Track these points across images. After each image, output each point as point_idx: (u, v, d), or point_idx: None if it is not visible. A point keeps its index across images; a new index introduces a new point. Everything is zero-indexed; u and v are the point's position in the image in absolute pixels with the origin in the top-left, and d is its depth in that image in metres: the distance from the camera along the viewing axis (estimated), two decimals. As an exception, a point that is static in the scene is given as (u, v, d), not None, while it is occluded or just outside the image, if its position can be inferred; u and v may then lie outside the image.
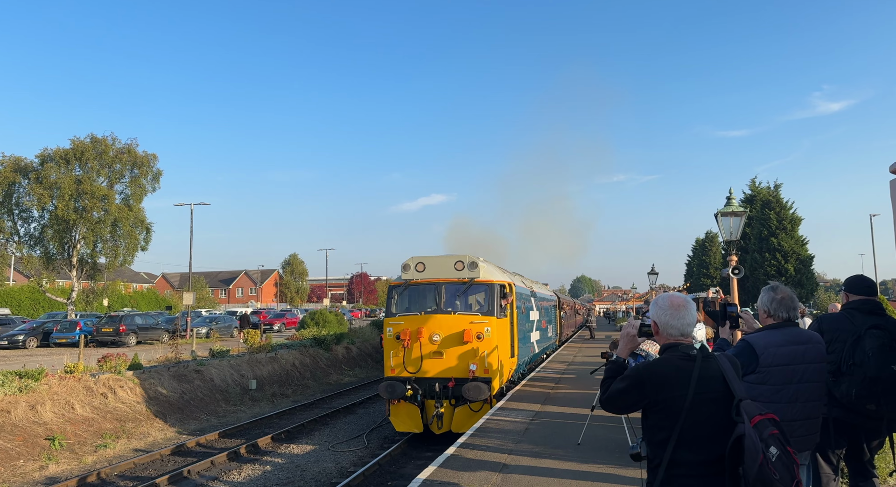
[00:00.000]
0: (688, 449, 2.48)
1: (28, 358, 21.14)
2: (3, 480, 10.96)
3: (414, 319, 12.11)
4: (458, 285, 12.31)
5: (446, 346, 11.84)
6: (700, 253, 60.38)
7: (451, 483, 6.64)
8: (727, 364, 2.61)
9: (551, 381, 15.16)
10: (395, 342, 12.04)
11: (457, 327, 11.82)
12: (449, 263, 12.39)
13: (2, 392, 12.70)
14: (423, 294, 12.55)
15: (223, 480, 11.00)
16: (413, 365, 11.90)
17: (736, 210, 11.11)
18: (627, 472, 6.82)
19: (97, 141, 35.50)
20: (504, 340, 12.51)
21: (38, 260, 35.61)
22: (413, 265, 12.51)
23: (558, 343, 26.92)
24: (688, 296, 2.76)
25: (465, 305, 12.29)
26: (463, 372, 11.65)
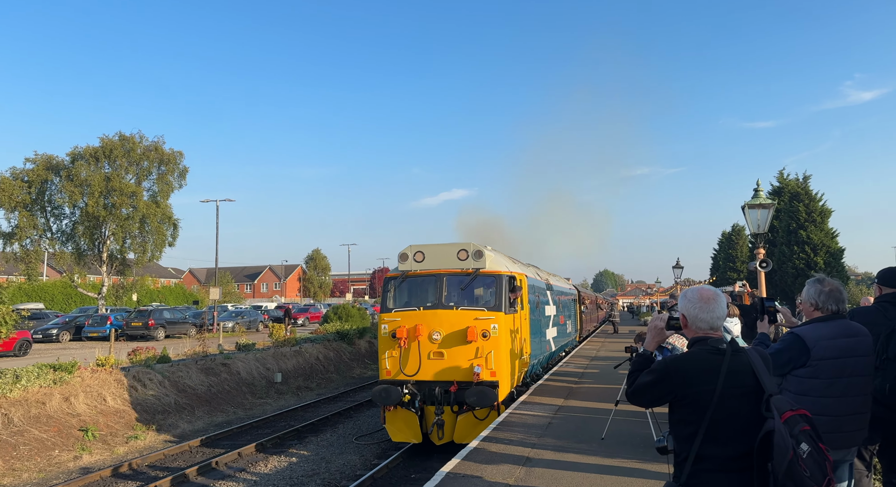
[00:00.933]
0: (715, 444, 2.46)
1: (61, 352, 21.71)
2: (39, 469, 11.30)
3: (412, 315, 10.81)
4: (462, 277, 11.01)
5: (448, 345, 10.56)
6: (726, 247, 59.39)
7: (474, 476, 6.66)
8: (757, 358, 2.57)
9: (574, 376, 15.09)
10: (390, 341, 10.78)
11: (460, 324, 10.55)
12: (451, 252, 11.04)
13: (37, 384, 13.07)
14: (422, 286, 11.26)
15: (250, 471, 11.18)
16: (411, 367, 10.61)
17: (764, 202, 10.91)
18: (652, 466, 6.77)
19: (125, 138, 36.19)
20: (514, 338, 11.27)
21: (69, 256, 36.49)
22: (411, 254, 11.19)
23: (578, 339, 25.81)
24: (718, 290, 2.72)
25: (470, 299, 11.05)
26: (466, 375, 10.39)
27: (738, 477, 2.46)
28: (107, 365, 15.45)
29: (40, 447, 11.92)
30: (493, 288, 10.97)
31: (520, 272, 12.17)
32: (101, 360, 15.77)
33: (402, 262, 11.28)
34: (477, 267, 10.94)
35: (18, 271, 36.23)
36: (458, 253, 11.01)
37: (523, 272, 12.63)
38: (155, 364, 16.61)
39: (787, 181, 42.60)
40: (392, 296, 11.33)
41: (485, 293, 11.18)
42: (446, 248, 11.14)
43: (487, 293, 11.13)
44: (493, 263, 11.14)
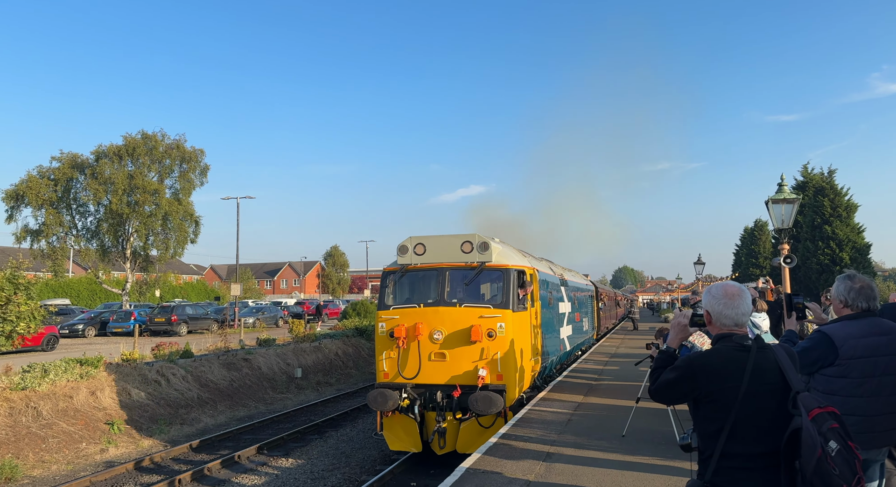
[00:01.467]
0: (741, 441, 2.43)
1: (87, 347, 22.14)
2: (68, 462, 11.55)
3: (411, 313, 10.05)
4: (466, 271, 10.17)
5: (450, 346, 9.79)
6: (749, 243, 58.55)
7: (493, 471, 6.66)
8: (784, 355, 2.53)
9: (594, 373, 15.00)
10: (388, 340, 10.01)
11: (463, 322, 9.77)
12: (455, 244, 10.25)
13: (65, 378, 13.35)
14: (422, 282, 10.51)
15: (271, 465, 11.32)
16: (410, 369, 9.84)
17: (788, 197, 10.73)
18: (674, 463, 6.71)
19: (148, 137, 36.74)
20: (523, 337, 10.41)
21: (94, 253, 37.19)
22: (411, 246, 10.37)
23: (596, 337, 24.80)
24: (742, 286, 2.69)
25: (475, 295, 10.27)
26: (470, 379, 9.63)
27: (764, 475, 2.43)
28: (131, 360, 15.73)
29: (68, 439, 12.18)
30: (500, 283, 10.18)
31: (530, 266, 11.30)
32: (126, 355, 16.06)
33: (402, 255, 10.44)
34: (482, 260, 10.12)
35: (45, 268, 36.99)
36: (461, 245, 10.21)
37: (534, 266, 11.81)
38: (178, 359, 16.87)
39: (811, 175, 41.87)
40: (390, 292, 10.55)
41: (491, 289, 10.46)
42: (449, 240, 10.33)
43: (494, 288, 10.39)
44: (500, 256, 10.33)
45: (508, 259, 10.45)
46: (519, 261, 10.74)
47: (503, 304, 9.93)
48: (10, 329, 11.40)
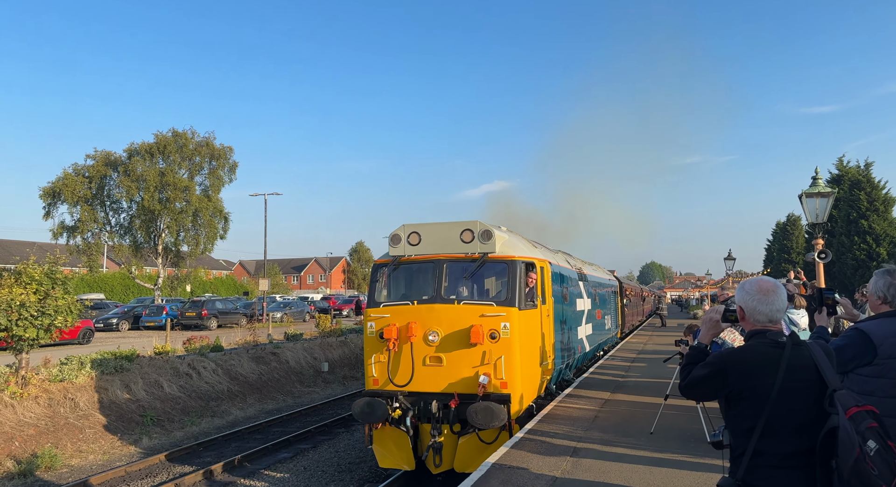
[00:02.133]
0: (774, 440, 2.39)
1: (121, 340, 22.71)
2: (104, 452, 11.89)
3: (404, 311, 8.91)
4: (466, 263, 9.04)
5: (447, 349, 8.64)
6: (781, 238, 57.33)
7: (520, 467, 6.66)
8: (820, 352, 2.48)
9: (621, 369, 14.87)
10: (377, 342, 8.89)
11: (462, 322, 8.62)
12: (453, 233, 9.13)
13: (100, 370, 13.72)
14: (417, 276, 9.47)
15: (300, 457, 11.48)
16: (402, 376, 8.68)
17: (822, 190, 10.48)
18: (704, 461, 6.62)
19: (178, 135, 37.45)
20: (532, 339, 9.29)
21: (127, 249, 38.10)
22: (404, 236, 9.28)
23: (620, 335, 23.37)
24: (777, 281, 2.63)
25: (476, 291, 9.24)
26: (470, 387, 8.44)
27: (798, 474, 2.38)
28: (164, 354, 16.09)
29: (104, 430, 12.53)
30: (504, 277, 9.04)
31: (541, 257, 10.18)
32: (159, 349, 16.43)
33: (394, 246, 9.36)
34: (485, 251, 8.97)
35: (81, 263, 38.05)
36: (461, 233, 9.08)
37: (546, 258, 10.64)
38: (208, 352, 17.20)
39: (847, 168, 40.81)
40: (380, 287, 9.48)
41: (494, 283, 9.44)
42: (447, 228, 9.23)
43: (498, 283, 9.35)
44: (505, 246, 9.18)
45: (515, 249, 9.27)
46: (528, 252, 9.63)
47: (508, 301, 8.72)
48: (48, 322, 11.72)
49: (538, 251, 10.65)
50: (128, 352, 14.96)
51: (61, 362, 13.80)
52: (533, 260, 9.55)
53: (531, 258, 9.52)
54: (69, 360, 13.82)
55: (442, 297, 8.89)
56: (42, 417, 11.85)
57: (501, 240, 9.21)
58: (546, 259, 10.51)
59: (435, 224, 9.34)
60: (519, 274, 8.92)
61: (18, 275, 11.78)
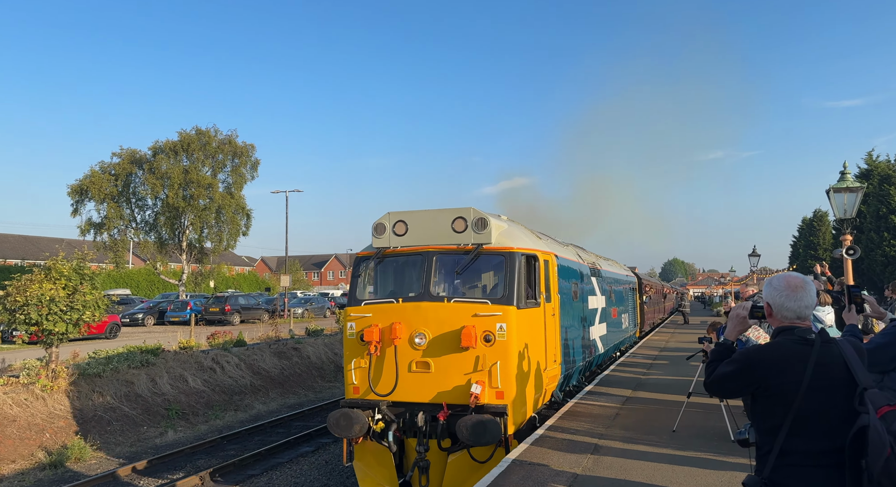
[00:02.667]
0: (802, 438, 2.35)
1: (147, 335, 23.13)
2: (130, 444, 12.13)
3: (387, 310, 7.96)
4: (458, 255, 8.06)
5: (436, 353, 7.65)
6: (807, 234, 56.31)
7: (540, 463, 6.64)
8: (850, 349, 2.43)
9: (643, 367, 14.73)
10: (358, 345, 7.94)
11: (453, 322, 7.66)
12: (444, 221, 8.17)
13: (127, 364, 14.00)
14: (403, 270, 8.61)
15: (321, 452, 11.59)
16: (384, 383, 7.71)
17: (851, 185, 10.25)
18: (728, 459, 6.54)
19: (202, 132, 37.93)
20: (534, 341, 8.31)
21: (152, 245, 38.75)
22: (389, 225, 8.35)
23: (639, 335, 22.14)
24: (806, 277, 2.58)
25: (469, 287, 8.30)
26: (461, 396, 7.42)
27: (826, 473, 2.34)
28: (188, 349, 16.35)
29: (130, 423, 12.79)
30: (501, 271, 8.04)
31: (545, 250, 9.15)
32: (183, 343, 16.71)
33: (378, 236, 8.41)
34: (479, 241, 8.00)
35: (107, 259, 38.78)
36: (452, 222, 8.10)
37: (551, 250, 9.58)
38: (232, 347, 17.44)
39: (876, 163, 39.91)
40: (363, 283, 8.60)
41: (491, 278, 8.49)
42: (437, 216, 8.27)
43: (494, 278, 8.37)
44: (503, 237, 8.21)
45: (514, 240, 8.29)
46: (529, 244, 8.59)
47: (505, 299, 7.73)
48: (77, 317, 11.99)
49: (543, 242, 9.56)
50: (153, 347, 15.24)
51: (89, 356, 14.10)
52: (535, 251, 8.52)
53: (533, 250, 8.50)
54: (97, 354, 14.11)
55: (430, 294, 7.88)
56: (71, 410, 12.13)
57: (498, 230, 8.26)
58: (551, 251, 9.49)
59: (423, 211, 8.37)
60: (518, 267, 7.90)
61: (48, 271, 12.07)
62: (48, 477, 10.24)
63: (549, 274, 9.06)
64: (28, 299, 11.42)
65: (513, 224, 9.14)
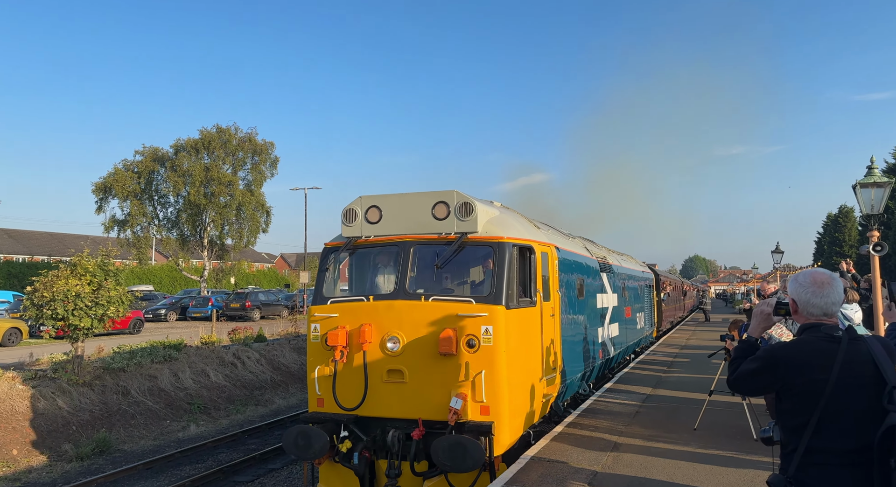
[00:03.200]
0: (828, 437, 2.31)
1: (170, 330, 23.48)
2: (153, 437, 12.33)
3: (356, 309, 6.98)
4: (439, 246, 7.05)
5: (412, 361, 6.66)
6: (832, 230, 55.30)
7: (559, 460, 6.62)
8: (878, 347, 2.38)
9: (663, 365, 14.60)
10: (323, 351, 6.98)
11: (431, 324, 6.67)
12: (423, 207, 7.14)
13: (150, 359, 14.23)
14: (376, 263, 7.68)
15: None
16: (351, 395, 6.71)
17: (878, 180, 10.02)
18: (750, 457, 6.46)
19: (222, 131, 38.36)
20: (526, 346, 7.21)
21: (174, 242, 39.33)
22: (361, 211, 7.35)
23: (656, 335, 20.97)
24: (833, 273, 2.53)
25: (451, 284, 7.28)
26: (439, 411, 6.42)
27: (854, 472, 2.30)
28: (210, 344, 16.57)
29: (154, 417, 13.00)
30: (489, 265, 7.02)
31: (543, 241, 8.01)
32: (205, 339, 16.93)
33: (348, 224, 7.42)
34: (464, 230, 6.98)
35: (131, 256, 39.44)
36: (433, 207, 7.07)
37: (551, 242, 8.47)
38: (252, 343, 17.64)
39: (904, 157, 38.97)
40: (330, 278, 7.61)
41: (476, 273, 7.43)
42: (416, 201, 7.25)
43: (480, 273, 7.35)
44: (491, 225, 7.15)
45: (505, 228, 7.18)
46: (524, 233, 7.51)
47: (492, 297, 6.68)
48: (101, 312, 12.21)
49: (542, 233, 8.41)
50: (176, 342, 15.46)
51: (114, 351, 14.36)
52: (530, 242, 7.46)
53: (527, 240, 7.43)
54: (121, 349, 14.36)
55: (406, 292, 6.88)
56: (96, 403, 12.36)
57: (487, 217, 7.21)
58: (551, 243, 8.40)
59: (400, 195, 7.37)
60: (508, 260, 6.88)
61: (74, 267, 12.30)
62: (74, 469, 10.46)
63: (549, 268, 8.00)
64: (55, 295, 11.65)
65: (506, 211, 8.07)
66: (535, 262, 7.42)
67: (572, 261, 9.44)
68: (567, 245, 9.53)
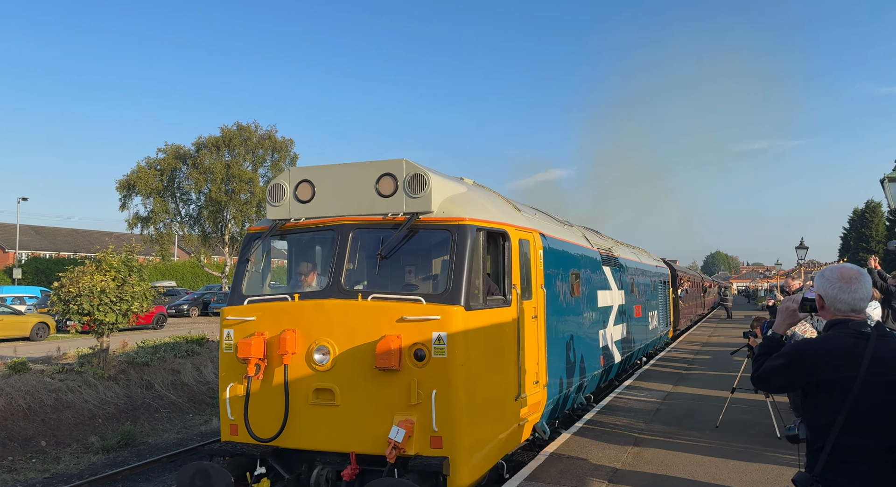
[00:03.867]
0: (856, 435, 2.26)
1: (192, 325, 23.82)
2: (177, 430, 12.53)
3: (278, 311, 5.60)
4: (384, 231, 5.62)
5: (345, 377, 5.27)
6: (858, 225, 54.20)
7: (579, 457, 6.59)
8: None
9: (684, 362, 14.45)
10: (235, 363, 5.63)
11: (370, 330, 5.24)
12: (366, 181, 5.70)
13: (173, 354, 14.45)
14: (308, 252, 6.39)
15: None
16: (269, 422, 5.42)
17: (908, 174, 9.80)
18: (774, 454, 6.38)
19: (242, 128, 38.77)
20: (498, 356, 5.80)
21: (196, 238, 39.88)
22: (290, 187, 5.97)
23: (672, 335, 19.50)
24: (861, 268, 2.48)
25: (400, 278, 5.88)
26: (377, 443, 5.03)
27: (882, 471, 2.25)
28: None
29: (177, 410, 13.21)
30: (445, 254, 5.59)
31: (522, 226, 6.54)
32: (226, 334, 17.14)
33: (275, 203, 6.04)
34: (416, 209, 5.54)
35: (154, 252, 40.08)
36: (377, 182, 5.65)
37: (534, 227, 6.95)
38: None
39: (934, 151, 38.02)
40: (252, 272, 6.21)
41: (433, 265, 6.11)
42: (357, 173, 5.78)
43: (434, 265, 6.05)
44: (451, 204, 5.70)
45: (468, 209, 5.69)
46: (494, 216, 6.03)
47: (448, 295, 5.24)
48: (126, 307, 12.43)
49: (522, 216, 6.92)
50: (198, 337, 15.68)
51: (138, 345, 14.61)
52: (503, 226, 6.01)
53: (499, 223, 5.98)
54: (145, 344, 14.61)
55: (341, 289, 5.47)
56: (121, 396, 12.60)
57: (446, 194, 5.76)
58: (534, 228, 6.91)
59: (338, 166, 5.97)
60: (471, 247, 5.42)
61: (98, 263, 12.53)
62: (100, 461, 10.67)
63: (531, 259, 6.53)
64: (80, 290, 11.89)
65: (478, 189, 6.68)
66: (510, 251, 6.02)
67: (563, 252, 7.91)
68: (558, 232, 8.03)
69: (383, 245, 5.54)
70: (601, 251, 10.27)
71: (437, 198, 5.61)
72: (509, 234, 6.06)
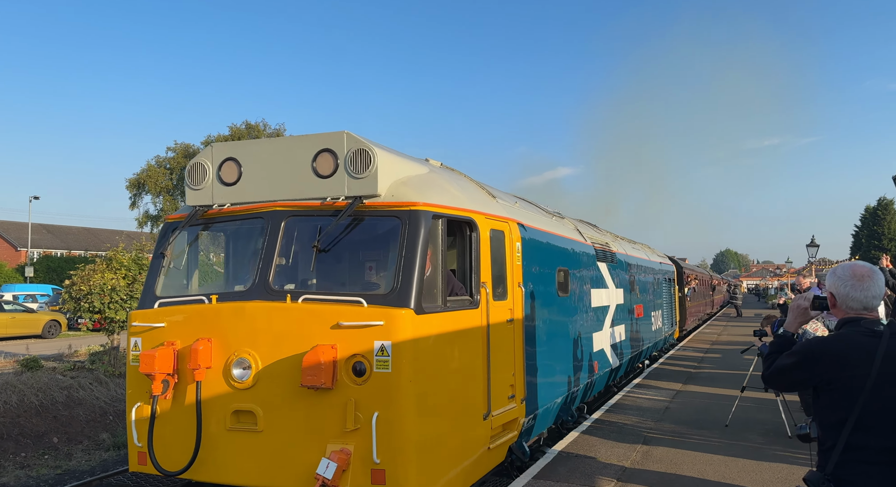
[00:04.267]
0: (869, 434, 2.25)
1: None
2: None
3: (192, 316, 4.78)
4: (323, 218, 4.72)
5: (270, 396, 4.45)
6: (870, 223, 53.71)
7: (587, 456, 6.58)
8: None
9: (693, 361, 14.39)
10: (142, 379, 4.74)
11: (299, 339, 4.38)
12: (301, 158, 4.81)
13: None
14: (234, 244, 5.70)
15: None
16: (178, 451, 4.63)
17: (921, 171, 9.69)
18: (784, 454, 6.34)
19: (251, 127, 38.94)
20: (461, 368, 4.90)
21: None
22: (212, 166, 5.08)
23: (678, 335, 18.70)
24: (874, 266, 2.46)
25: (340, 276, 5.16)
26: (307, 478, 4.23)
27: (893, 471, 2.23)
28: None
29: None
30: (395, 247, 4.60)
31: (496, 214, 5.66)
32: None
33: (195, 186, 5.12)
34: (359, 193, 4.64)
35: (164, 251, 40.34)
36: (314, 159, 4.75)
37: (513, 217, 6.10)
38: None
39: (948, 148, 37.61)
40: (167, 268, 5.30)
41: (375, 259, 5.26)
42: (291, 150, 4.90)
43: (382, 260, 5.07)
44: (403, 186, 4.77)
45: (425, 192, 4.78)
46: (459, 201, 5.11)
47: (395, 296, 4.37)
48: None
49: (497, 204, 6.00)
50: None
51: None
52: (469, 213, 5.11)
53: (464, 210, 5.05)
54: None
55: (267, 288, 4.61)
56: (132, 394, 12.69)
57: (398, 175, 4.83)
58: (511, 218, 6.01)
59: (269, 141, 5.19)
60: (424, 238, 4.53)
61: (109, 261, 12.63)
62: (112, 458, 10.76)
63: (506, 253, 5.66)
64: (91, 288, 11.98)
65: (443, 171, 5.73)
66: (478, 243, 5.12)
67: (549, 245, 7.01)
68: (542, 223, 7.13)
69: (322, 236, 4.60)
70: (596, 245, 9.41)
71: (386, 179, 4.69)
72: (477, 223, 5.15)
